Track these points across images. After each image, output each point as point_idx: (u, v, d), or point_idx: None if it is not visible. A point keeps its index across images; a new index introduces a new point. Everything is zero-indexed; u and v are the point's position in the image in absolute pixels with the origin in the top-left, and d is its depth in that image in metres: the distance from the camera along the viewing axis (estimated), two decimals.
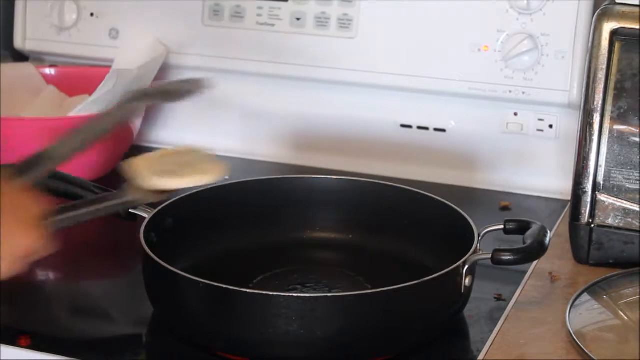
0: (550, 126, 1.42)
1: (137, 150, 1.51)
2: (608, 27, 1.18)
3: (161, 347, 1.04)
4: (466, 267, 1.02)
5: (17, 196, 0.81)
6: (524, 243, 1.05)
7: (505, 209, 1.38)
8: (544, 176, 1.43)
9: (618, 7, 1.19)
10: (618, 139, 1.18)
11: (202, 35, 1.52)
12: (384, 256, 1.18)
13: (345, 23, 1.46)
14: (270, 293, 1.00)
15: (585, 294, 1.10)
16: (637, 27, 1.17)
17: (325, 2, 1.46)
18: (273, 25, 1.49)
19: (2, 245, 0.78)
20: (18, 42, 1.63)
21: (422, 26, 1.43)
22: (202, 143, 1.57)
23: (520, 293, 1.13)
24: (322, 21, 1.47)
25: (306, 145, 1.52)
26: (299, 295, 0.97)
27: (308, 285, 1.13)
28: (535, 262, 1.18)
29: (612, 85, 1.18)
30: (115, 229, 1.24)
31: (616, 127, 1.18)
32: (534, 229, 1.07)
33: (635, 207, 1.17)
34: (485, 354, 1.01)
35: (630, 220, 1.18)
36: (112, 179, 1.41)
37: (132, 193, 0.90)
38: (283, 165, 1.50)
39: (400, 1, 1.43)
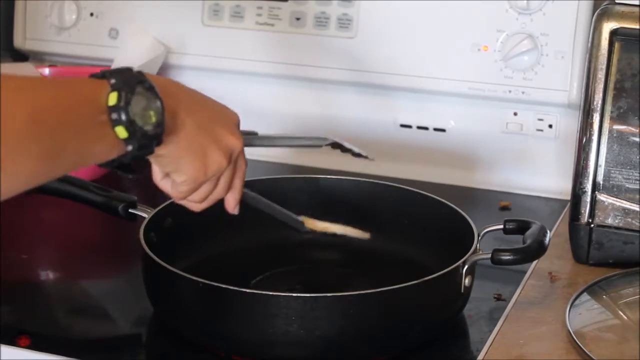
0: (550, 126, 1.42)
1: None
2: (608, 27, 1.18)
3: (161, 347, 1.04)
4: (466, 267, 1.02)
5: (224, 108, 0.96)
6: (524, 243, 1.06)
7: (505, 208, 1.38)
8: (543, 176, 1.43)
9: (618, 7, 1.19)
10: (618, 138, 1.18)
11: (202, 35, 1.52)
12: (384, 256, 1.18)
13: (344, 23, 1.46)
14: (270, 293, 1.00)
15: (585, 293, 1.10)
16: (637, 27, 1.17)
17: (325, 2, 1.46)
18: (273, 25, 1.49)
19: (217, 143, 0.91)
20: (18, 42, 1.63)
21: (421, 26, 1.43)
22: None
23: (520, 293, 1.13)
24: (321, 21, 1.47)
25: None
26: (299, 295, 0.97)
27: (308, 285, 1.13)
28: (535, 262, 1.18)
29: (611, 85, 1.18)
30: (115, 229, 1.24)
31: (616, 127, 1.18)
32: (533, 228, 1.07)
33: (635, 207, 1.17)
34: (485, 354, 1.01)
35: (630, 220, 1.18)
36: (112, 179, 1.41)
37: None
38: (283, 165, 1.50)
39: (400, 1, 1.43)
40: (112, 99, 0.80)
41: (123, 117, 0.80)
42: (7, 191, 0.75)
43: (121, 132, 0.81)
